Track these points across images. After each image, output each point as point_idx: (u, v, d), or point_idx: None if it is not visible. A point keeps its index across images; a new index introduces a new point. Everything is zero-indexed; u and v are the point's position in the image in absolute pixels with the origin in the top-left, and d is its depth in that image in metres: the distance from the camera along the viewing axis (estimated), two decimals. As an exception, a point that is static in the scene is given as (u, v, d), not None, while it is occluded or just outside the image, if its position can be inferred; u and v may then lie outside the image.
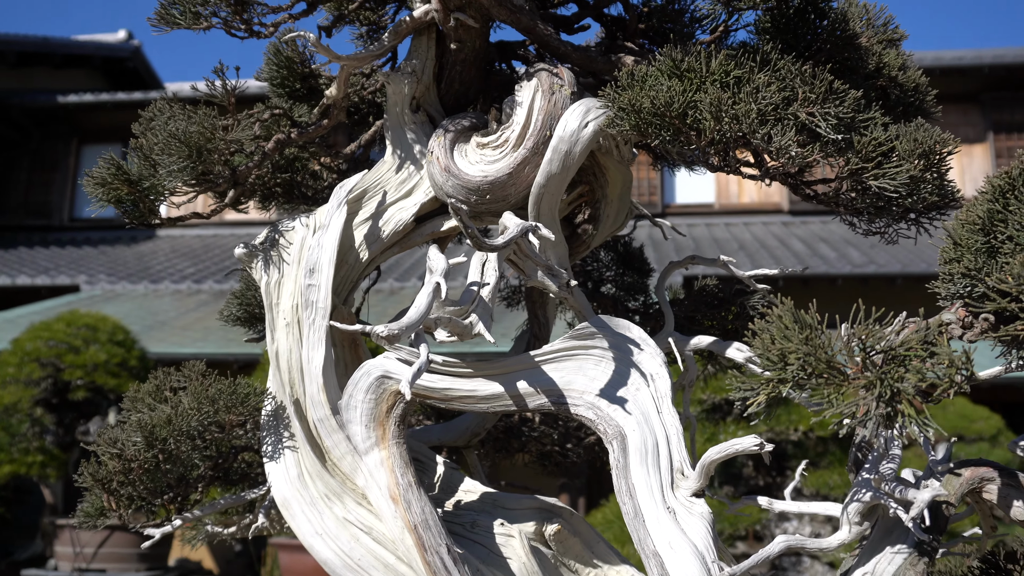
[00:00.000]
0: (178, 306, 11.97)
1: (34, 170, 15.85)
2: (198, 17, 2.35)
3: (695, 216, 14.24)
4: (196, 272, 13.36)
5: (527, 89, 2.28)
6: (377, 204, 2.42)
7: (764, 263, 11.30)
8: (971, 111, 13.93)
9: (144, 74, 17.37)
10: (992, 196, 1.61)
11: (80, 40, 16.54)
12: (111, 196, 2.34)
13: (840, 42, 2.19)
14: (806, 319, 1.51)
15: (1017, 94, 13.83)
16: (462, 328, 1.98)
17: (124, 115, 15.04)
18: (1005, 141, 13.81)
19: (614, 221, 2.59)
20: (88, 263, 14.02)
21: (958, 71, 13.30)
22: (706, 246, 12.55)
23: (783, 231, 13.58)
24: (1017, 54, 13.42)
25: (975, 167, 13.69)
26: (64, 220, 15.69)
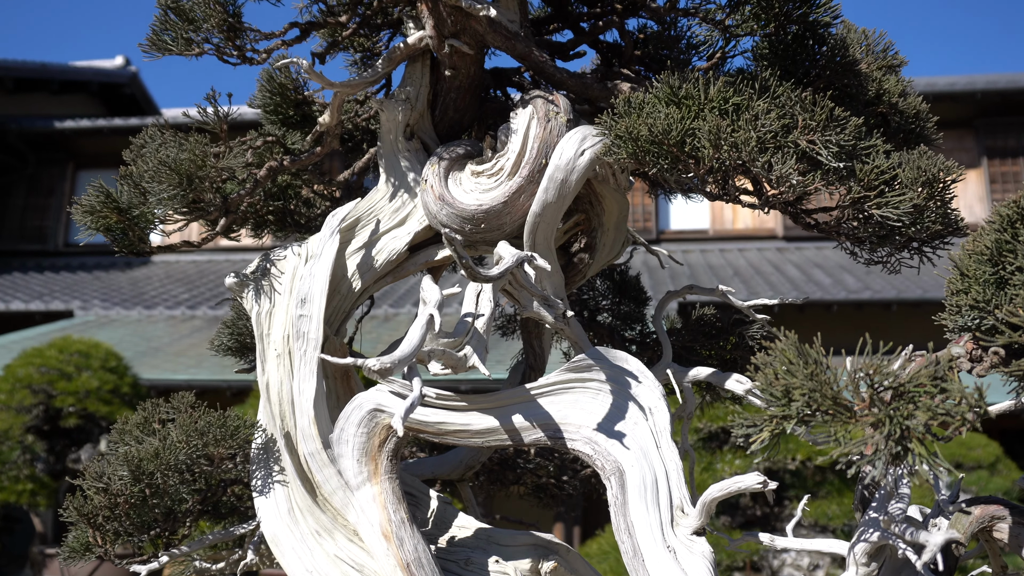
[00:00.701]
0: (172, 332, 11.89)
1: (30, 195, 15.82)
2: (190, 43, 2.32)
3: (690, 242, 14.23)
4: (191, 298, 13.29)
5: (522, 116, 2.24)
6: (370, 233, 2.38)
7: (759, 289, 11.27)
8: (965, 137, 13.98)
9: (141, 100, 17.39)
10: (1000, 226, 1.57)
11: (78, 66, 16.57)
12: (100, 224, 2.30)
13: (840, 68, 2.17)
14: (810, 353, 1.47)
15: (1010, 120, 13.88)
16: (456, 361, 1.94)
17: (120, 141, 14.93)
18: (999, 166, 13.85)
19: (610, 250, 2.55)
20: (82, 288, 13.94)
21: (951, 97, 13.35)
22: (701, 272, 12.52)
23: (778, 257, 13.56)
24: (1010, 80, 13.49)
25: (970, 193, 13.71)
26: (59, 245, 15.64)
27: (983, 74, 13.85)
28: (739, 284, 11.63)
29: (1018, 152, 13.86)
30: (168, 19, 2.27)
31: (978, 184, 13.77)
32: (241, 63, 2.41)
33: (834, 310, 11.17)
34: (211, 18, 2.27)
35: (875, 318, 11.43)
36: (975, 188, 13.75)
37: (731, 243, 14.23)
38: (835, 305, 11.10)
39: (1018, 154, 13.85)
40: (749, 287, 11.45)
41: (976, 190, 13.74)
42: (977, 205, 13.65)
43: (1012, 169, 13.80)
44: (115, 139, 14.87)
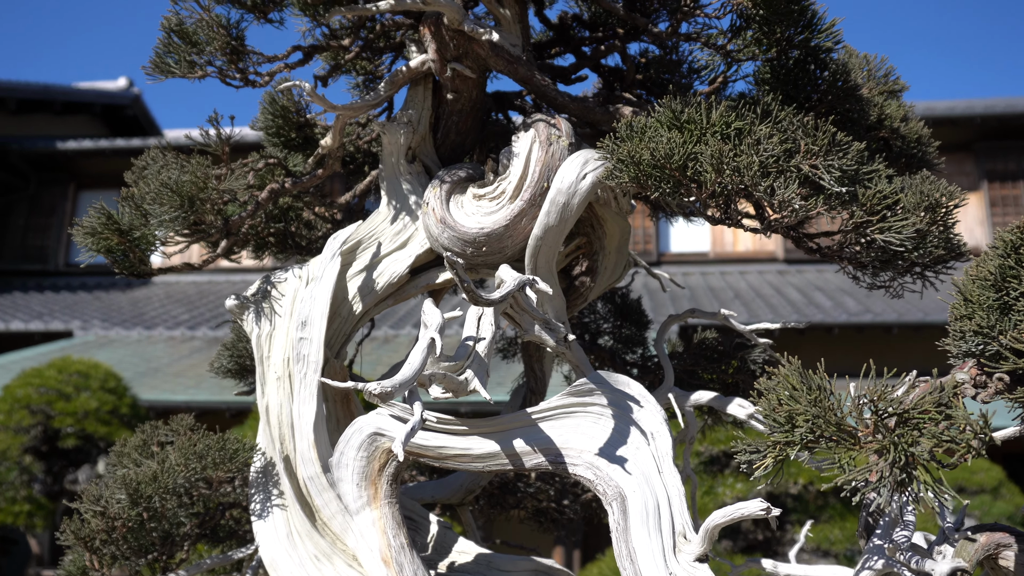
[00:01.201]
0: (171, 352, 11.87)
1: (31, 215, 15.84)
2: (193, 66, 2.33)
3: (690, 265, 14.23)
4: (191, 318, 13.28)
5: (524, 140, 2.24)
6: (371, 255, 2.38)
7: (760, 312, 11.26)
8: (965, 160, 14.01)
9: (143, 121, 17.45)
10: (1004, 251, 1.57)
11: (80, 88, 16.65)
12: (101, 246, 2.29)
13: (841, 93, 2.17)
14: (814, 379, 1.46)
15: (1010, 143, 13.93)
16: (457, 384, 1.92)
17: (122, 162, 15.00)
18: (999, 190, 13.87)
19: (612, 273, 2.54)
20: (82, 308, 13.93)
21: (950, 121, 13.40)
22: (702, 295, 12.51)
23: (778, 279, 13.56)
24: (1008, 104, 13.54)
25: (970, 216, 13.72)
26: (60, 265, 15.64)
27: (981, 98, 13.91)
28: (740, 307, 11.62)
29: (1018, 176, 13.89)
30: (171, 42, 2.28)
31: (978, 207, 13.79)
32: (244, 85, 2.42)
33: (835, 333, 11.15)
34: (214, 41, 2.28)
35: (876, 341, 11.41)
36: (975, 211, 13.77)
37: (732, 266, 14.23)
38: (836, 328, 11.09)
39: (1018, 177, 13.88)
40: (750, 310, 11.44)
41: (976, 213, 13.76)
42: (978, 228, 13.66)
43: (1012, 192, 13.83)
44: (117, 160, 14.91)
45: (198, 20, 2.26)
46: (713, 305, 11.73)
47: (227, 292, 14.49)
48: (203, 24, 2.25)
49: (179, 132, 16.39)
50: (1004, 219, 13.57)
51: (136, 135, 17.02)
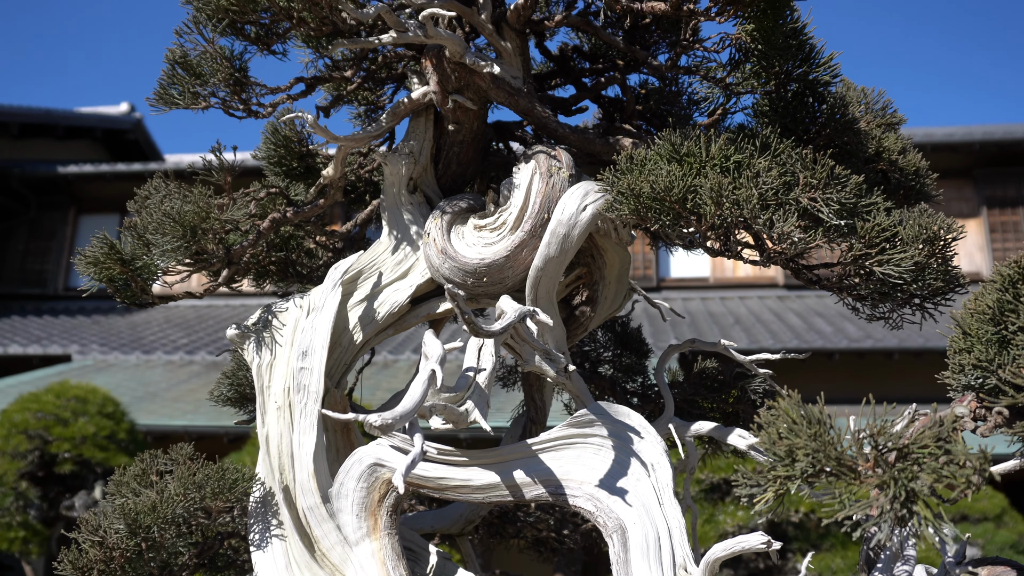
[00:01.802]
0: (170, 377, 11.84)
1: (31, 239, 15.87)
2: (197, 97, 2.35)
3: (690, 290, 14.24)
4: (189, 343, 13.27)
5: (525, 171, 2.26)
6: (372, 285, 2.39)
7: (761, 338, 11.25)
8: (964, 186, 14.07)
9: (145, 146, 17.53)
10: (1001, 285, 1.58)
11: (82, 112, 16.73)
12: (103, 275, 2.30)
13: (839, 126, 2.19)
14: (813, 413, 1.46)
15: (1009, 169, 13.98)
16: (457, 416, 1.93)
17: (123, 186, 15.14)
18: (999, 216, 13.91)
19: (612, 302, 2.55)
20: (81, 332, 13.92)
21: (949, 147, 13.47)
22: (702, 321, 12.51)
23: (779, 305, 13.57)
24: (1007, 131, 13.61)
25: (969, 242, 13.75)
26: (59, 289, 15.65)
27: (980, 125, 13.99)
28: (740, 332, 11.62)
29: (1017, 202, 13.94)
30: (176, 73, 2.30)
31: (978, 233, 13.82)
32: (247, 116, 2.43)
33: (836, 359, 11.13)
34: (218, 73, 2.30)
35: (878, 367, 11.39)
36: (975, 237, 13.81)
37: (732, 291, 14.24)
38: (837, 354, 11.07)
39: (1017, 204, 13.93)
40: (750, 335, 11.43)
41: (976, 239, 13.79)
42: (977, 254, 13.70)
43: (1012, 219, 13.87)
44: (117, 184, 14.97)
45: (202, 52, 2.28)
46: (713, 331, 11.73)
47: (226, 316, 14.51)
48: (207, 56, 2.28)
49: (180, 157, 16.47)
50: (1004, 245, 13.61)
51: (137, 160, 17.10)
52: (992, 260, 13.42)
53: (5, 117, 14.97)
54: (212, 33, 2.27)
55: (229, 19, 2.22)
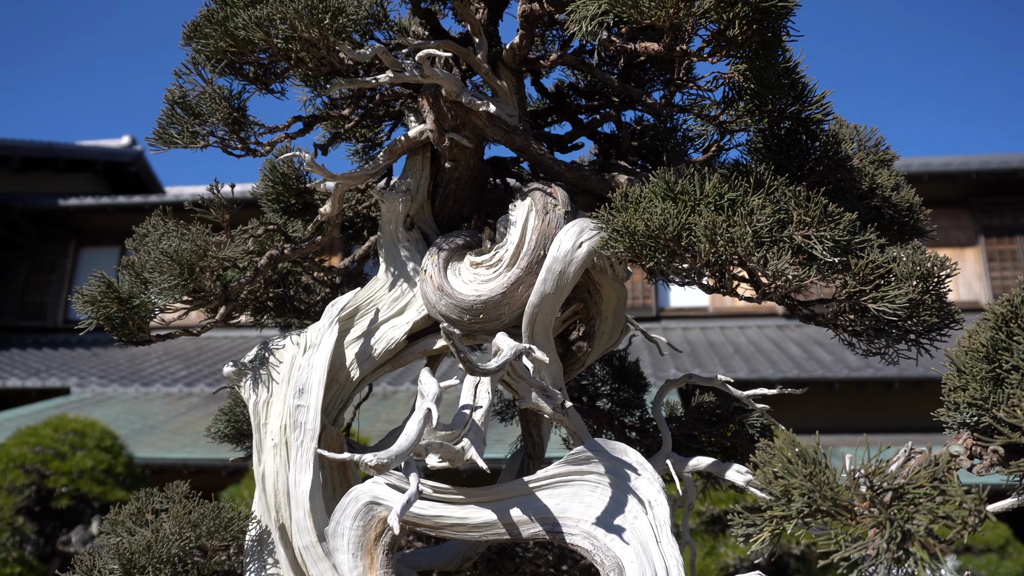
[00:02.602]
0: (168, 409, 11.80)
1: (31, 272, 15.90)
2: (195, 136, 2.37)
3: (690, 319, 14.25)
4: (188, 375, 13.24)
5: (521, 208, 2.27)
6: (369, 322, 2.39)
7: (760, 367, 11.23)
8: (961, 215, 14.12)
9: (145, 178, 17.62)
10: (995, 323, 1.58)
11: (83, 146, 16.83)
12: (100, 314, 2.31)
13: (833, 163, 2.21)
14: (808, 452, 1.46)
15: (1005, 199, 14.05)
16: (453, 454, 1.92)
17: (123, 218, 15.20)
18: (996, 245, 13.95)
19: (609, 338, 2.55)
20: (80, 365, 13.90)
21: (946, 176, 13.54)
22: (702, 350, 12.50)
23: (778, 334, 13.56)
24: (1003, 160, 13.69)
25: (968, 270, 13.78)
26: (59, 321, 15.65)
27: (976, 154, 14.06)
28: (740, 362, 11.60)
29: (1015, 231, 13.99)
30: (175, 113, 2.32)
31: (976, 262, 13.85)
32: (245, 155, 2.45)
33: (836, 388, 11.11)
34: (216, 112, 2.32)
35: (878, 396, 11.37)
36: (973, 266, 13.83)
37: (731, 320, 14.24)
38: (837, 383, 11.06)
39: (1015, 232, 13.98)
40: (750, 365, 11.42)
41: (974, 268, 13.82)
42: (976, 283, 13.71)
43: (1009, 247, 13.91)
44: (118, 216, 15.03)
45: (201, 92, 2.30)
46: (713, 361, 11.71)
47: (226, 348, 14.49)
48: (206, 96, 2.30)
49: (181, 189, 16.55)
50: (1002, 274, 13.64)
51: (138, 192, 17.18)
52: (991, 289, 13.45)
53: (7, 151, 15.06)
54: (211, 73, 2.29)
55: (228, 60, 2.24)
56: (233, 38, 2.13)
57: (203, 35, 2.16)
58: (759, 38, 1.89)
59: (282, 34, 2.08)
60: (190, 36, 2.19)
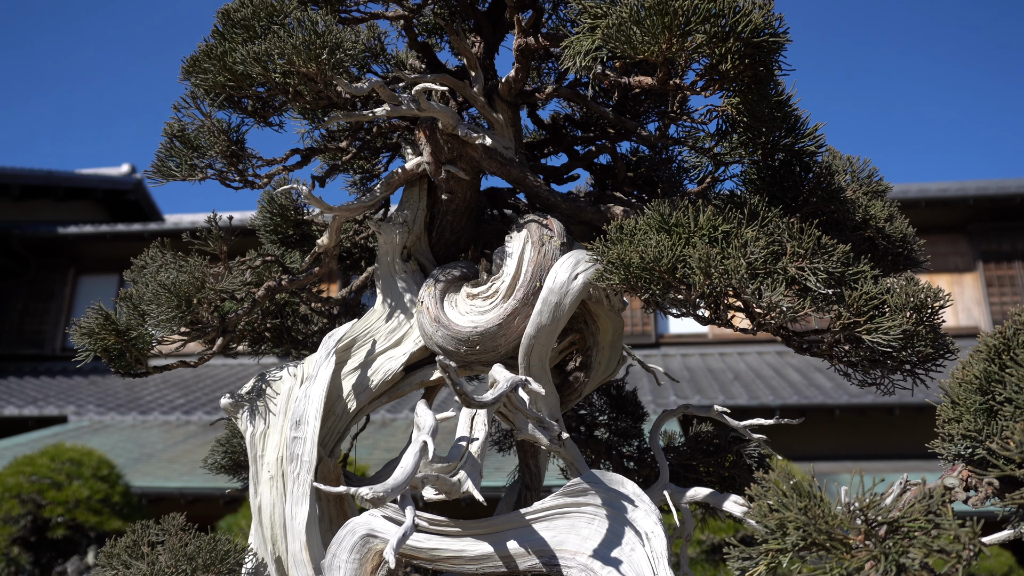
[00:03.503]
0: (166, 438, 11.76)
1: (30, 300, 15.90)
2: (194, 169, 2.38)
3: (690, 346, 14.24)
4: (186, 403, 13.20)
5: (517, 240, 2.29)
6: (366, 353, 2.39)
7: (761, 394, 11.21)
8: (959, 241, 14.16)
9: (145, 206, 17.66)
10: (988, 355, 1.59)
11: (83, 174, 16.89)
12: (98, 346, 2.31)
13: (826, 195, 2.22)
14: (803, 487, 1.46)
15: (1003, 224, 14.09)
16: (450, 486, 1.92)
17: (122, 246, 15.23)
18: (995, 270, 13.97)
19: (606, 368, 2.56)
20: (77, 393, 13.87)
21: (943, 202, 13.59)
22: (701, 377, 12.48)
23: (778, 360, 13.55)
24: (999, 186, 13.74)
25: (966, 296, 13.80)
26: (56, 349, 15.62)
27: (973, 180, 14.13)
28: (740, 388, 11.58)
29: (1013, 256, 14.02)
30: (173, 146, 2.34)
31: (975, 288, 13.87)
32: (243, 187, 2.47)
33: (836, 414, 11.09)
34: (215, 145, 2.34)
35: (878, 422, 11.34)
36: (972, 292, 13.85)
37: (731, 347, 14.23)
38: (837, 409, 11.03)
39: (1013, 258, 14.00)
40: (750, 392, 11.40)
41: (973, 294, 13.84)
42: (975, 308, 13.72)
43: (1008, 273, 13.93)
44: (117, 244, 15.06)
45: (200, 126, 2.32)
46: (713, 387, 11.69)
47: (224, 376, 14.45)
48: (204, 130, 2.32)
49: (180, 217, 16.58)
50: (1001, 299, 13.65)
51: (137, 220, 17.22)
52: (990, 314, 13.46)
53: (7, 179, 15.11)
54: (209, 107, 2.31)
55: (226, 93, 2.26)
56: (231, 72, 2.16)
57: (202, 70, 2.19)
58: (751, 72, 1.91)
59: (280, 69, 2.10)
60: (189, 71, 2.21)
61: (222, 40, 2.18)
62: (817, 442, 11.23)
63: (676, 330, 14.56)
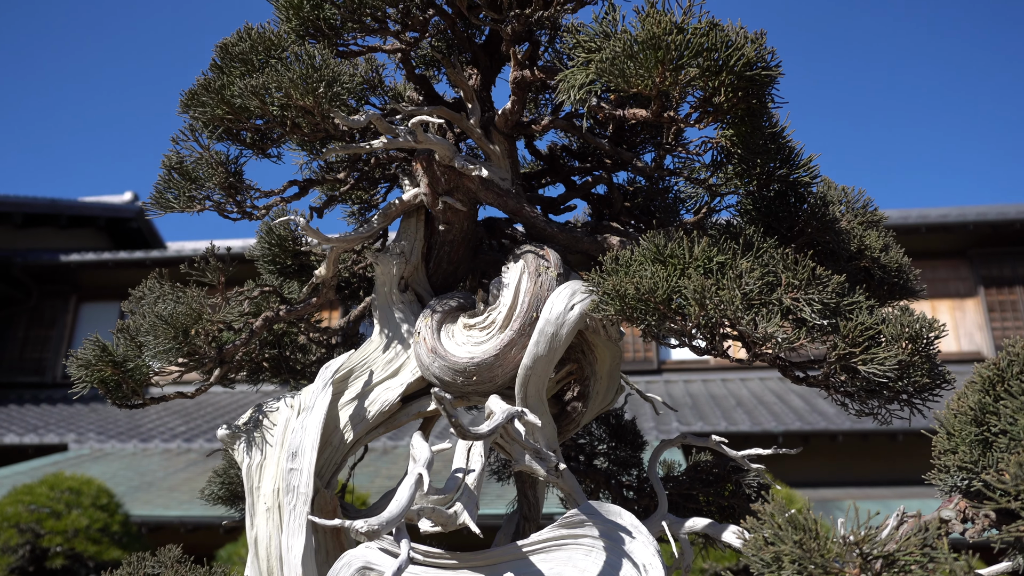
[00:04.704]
0: (166, 465, 11.71)
1: (31, 327, 15.91)
2: (192, 201, 2.40)
3: (692, 372, 14.21)
4: (187, 431, 13.17)
5: (514, 271, 2.29)
6: (363, 384, 2.39)
7: (763, 420, 11.17)
8: (960, 266, 14.17)
9: (147, 233, 17.71)
10: (982, 386, 1.59)
11: (86, 202, 16.96)
12: (95, 378, 2.32)
13: (821, 225, 2.23)
14: (799, 520, 1.46)
15: (1003, 249, 14.10)
16: (446, 518, 1.91)
17: (124, 273, 15.26)
18: (996, 295, 13.96)
19: (604, 397, 2.55)
20: (78, 421, 13.84)
21: (943, 228, 13.61)
22: (704, 403, 12.44)
23: (780, 386, 13.51)
24: (999, 211, 13.77)
25: (968, 321, 13.78)
26: (57, 377, 15.60)
27: (973, 205, 14.16)
28: (743, 414, 11.54)
29: (1014, 281, 14.02)
30: (172, 178, 2.35)
31: (976, 312, 13.85)
32: (242, 218, 2.48)
33: (839, 440, 11.03)
34: (213, 177, 2.35)
35: (881, 447, 11.28)
36: (974, 317, 13.83)
37: (733, 372, 14.20)
38: (840, 435, 10.97)
39: (1014, 283, 14.00)
40: (752, 418, 11.36)
41: (975, 318, 13.82)
42: (977, 333, 13.70)
43: (1009, 298, 13.92)
44: (119, 272, 15.08)
45: (198, 158, 2.34)
46: (716, 413, 11.65)
47: (224, 404, 14.42)
48: (202, 162, 2.34)
49: (182, 244, 16.63)
50: (1003, 324, 13.63)
51: (139, 247, 17.27)
52: (992, 339, 13.43)
53: (9, 207, 15.18)
54: (208, 139, 2.33)
55: (224, 126, 2.28)
56: (230, 106, 2.18)
57: (200, 103, 2.21)
58: (744, 105, 1.92)
59: (278, 102, 2.12)
60: (188, 104, 2.23)
61: (220, 74, 2.20)
62: (820, 468, 11.17)
63: (678, 356, 14.53)
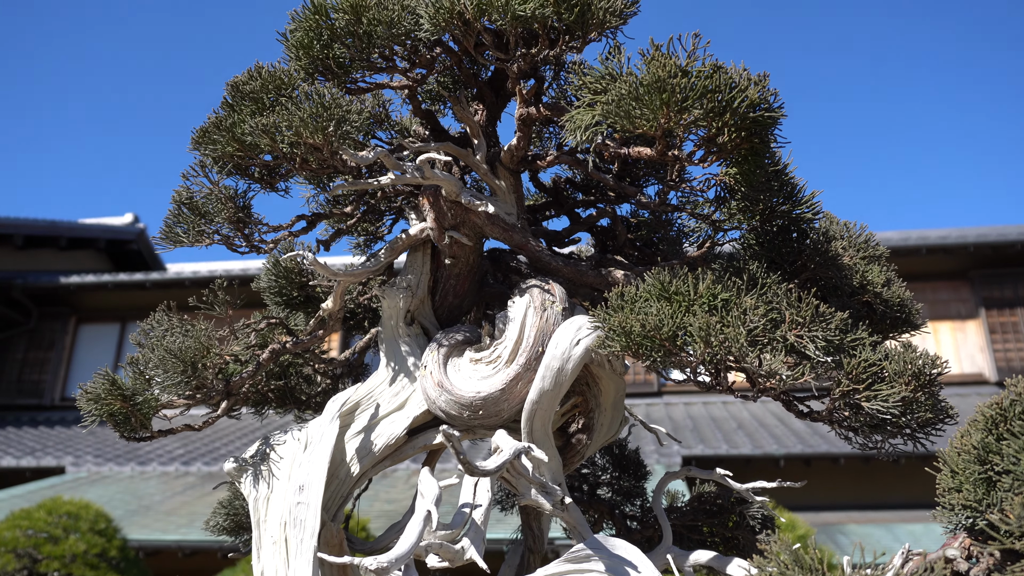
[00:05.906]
0: (164, 489, 11.68)
1: (30, 349, 15.89)
2: (201, 235, 2.42)
3: (692, 394, 14.19)
4: (185, 454, 13.13)
5: (519, 305, 2.32)
6: (370, 417, 2.41)
7: (764, 442, 11.15)
8: (961, 288, 14.19)
9: (147, 255, 17.74)
10: (985, 425, 1.61)
11: (86, 223, 17.00)
12: (103, 411, 2.33)
13: (824, 260, 2.25)
14: (804, 558, 1.47)
15: (1004, 271, 14.13)
16: (453, 554, 1.92)
17: (124, 295, 15.28)
18: (997, 317, 13.98)
19: (608, 429, 2.57)
20: (76, 444, 13.79)
21: (944, 249, 13.65)
22: (704, 425, 12.43)
23: (781, 409, 13.46)
24: (1000, 233, 13.81)
25: (969, 343, 13.79)
26: (56, 399, 15.57)
27: (974, 227, 14.20)
28: (744, 437, 11.53)
29: (1015, 303, 14.04)
30: (182, 213, 2.38)
31: (978, 334, 13.86)
32: (249, 251, 2.50)
33: (842, 463, 11.01)
34: (222, 212, 2.38)
35: (884, 471, 11.25)
36: (976, 338, 13.84)
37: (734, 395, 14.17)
38: (842, 458, 10.95)
39: (1015, 305, 14.02)
40: (754, 440, 11.34)
41: (977, 340, 13.83)
42: (979, 355, 13.71)
43: (1011, 319, 13.93)
44: (119, 293, 15.09)
45: (208, 193, 2.37)
46: (716, 436, 11.63)
47: (224, 427, 14.38)
48: (212, 197, 2.36)
49: (182, 266, 16.66)
50: (1004, 346, 13.64)
51: (140, 269, 17.29)
52: (994, 361, 13.44)
53: (10, 229, 15.21)
54: (217, 175, 2.36)
55: (234, 162, 2.31)
56: (240, 143, 2.21)
57: (211, 140, 2.24)
58: (748, 145, 1.95)
59: (287, 140, 2.15)
60: (199, 141, 2.27)
61: (231, 111, 2.24)
62: (822, 491, 11.14)
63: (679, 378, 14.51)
